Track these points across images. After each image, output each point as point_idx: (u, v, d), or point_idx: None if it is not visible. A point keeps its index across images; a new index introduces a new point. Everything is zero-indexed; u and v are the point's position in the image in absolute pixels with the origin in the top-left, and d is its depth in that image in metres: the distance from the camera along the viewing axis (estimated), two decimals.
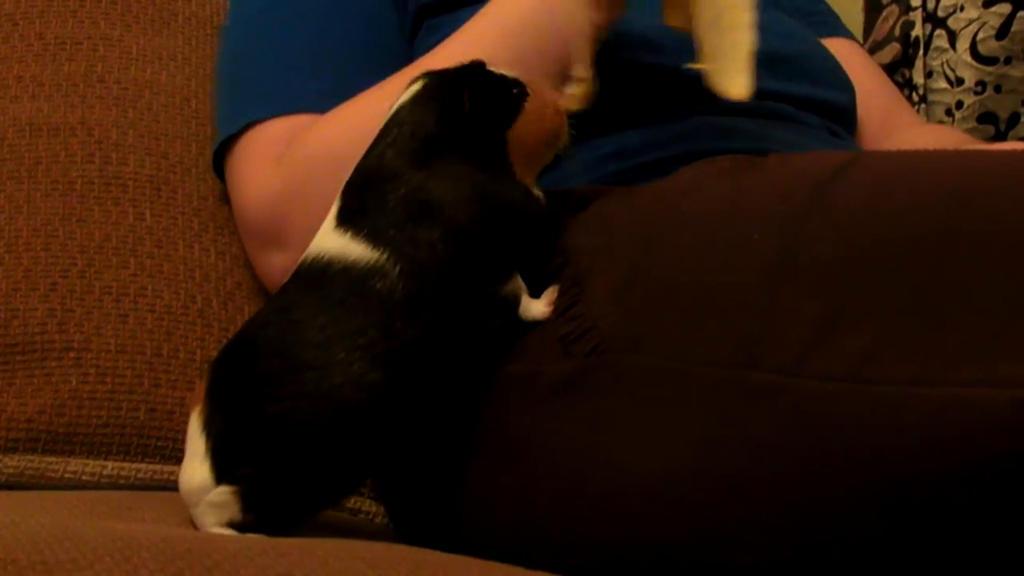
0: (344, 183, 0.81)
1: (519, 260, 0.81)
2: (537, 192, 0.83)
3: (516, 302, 0.81)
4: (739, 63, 0.81)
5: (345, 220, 0.79)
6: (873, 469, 0.63)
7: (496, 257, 0.79)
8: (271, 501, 0.75)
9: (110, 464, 1.00)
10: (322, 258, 0.78)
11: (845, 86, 1.16)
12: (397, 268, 0.76)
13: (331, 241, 0.78)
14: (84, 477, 0.99)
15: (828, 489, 0.65)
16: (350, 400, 0.74)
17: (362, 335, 0.74)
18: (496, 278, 0.80)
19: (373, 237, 0.77)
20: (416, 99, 0.82)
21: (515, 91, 0.82)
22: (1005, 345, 0.59)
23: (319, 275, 0.77)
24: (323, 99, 1.00)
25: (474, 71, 0.82)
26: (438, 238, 0.76)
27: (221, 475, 0.75)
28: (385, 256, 0.76)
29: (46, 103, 1.12)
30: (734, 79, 0.81)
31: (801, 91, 1.07)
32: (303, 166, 0.98)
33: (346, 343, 0.74)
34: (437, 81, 0.82)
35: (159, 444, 1.01)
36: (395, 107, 0.82)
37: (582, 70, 0.87)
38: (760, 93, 1.03)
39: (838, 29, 1.33)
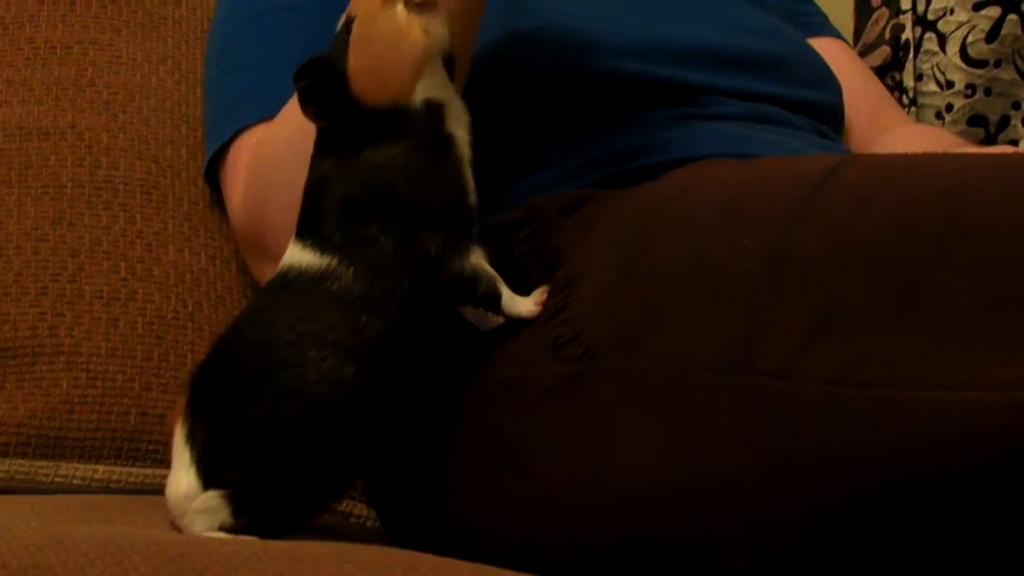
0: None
1: (466, 225, 0.80)
2: (422, 95, 0.79)
3: (492, 292, 0.80)
4: None
5: (298, 231, 0.80)
6: (867, 472, 0.63)
7: (433, 217, 0.78)
8: (260, 502, 0.75)
9: (101, 468, 1.00)
10: (283, 266, 0.79)
11: (833, 86, 1.16)
12: (351, 270, 0.76)
13: (290, 251, 0.80)
14: (75, 481, 0.99)
15: (822, 492, 0.65)
16: (328, 395, 0.75)
17: (330, 331, 0.75)
18: (448, 250, 0.78)
19: (321, 244, 0.78)
20: None
21: (348, 31, 0.80)
22: (999, 347, 0.59)
23: (281, 280, 0.79)
24: None
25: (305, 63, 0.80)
26: (378, 230, 0.77)
27: (208, 481, 0.75)
28: (336, 260, 0.77)
29: (36, 107, 1.12)
30: None
31: (789, 93, 1.07)
32: (261, 172, 0.98)
33: (315, 340, 0.75)
34: None
35: (150, 448, 1.01)
36: None
37: None
38: (747, 95, 1.04)
39: (826, 29, 1.33)
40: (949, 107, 1.46)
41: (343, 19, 0.81)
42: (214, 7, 1.18)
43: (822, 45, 1.22)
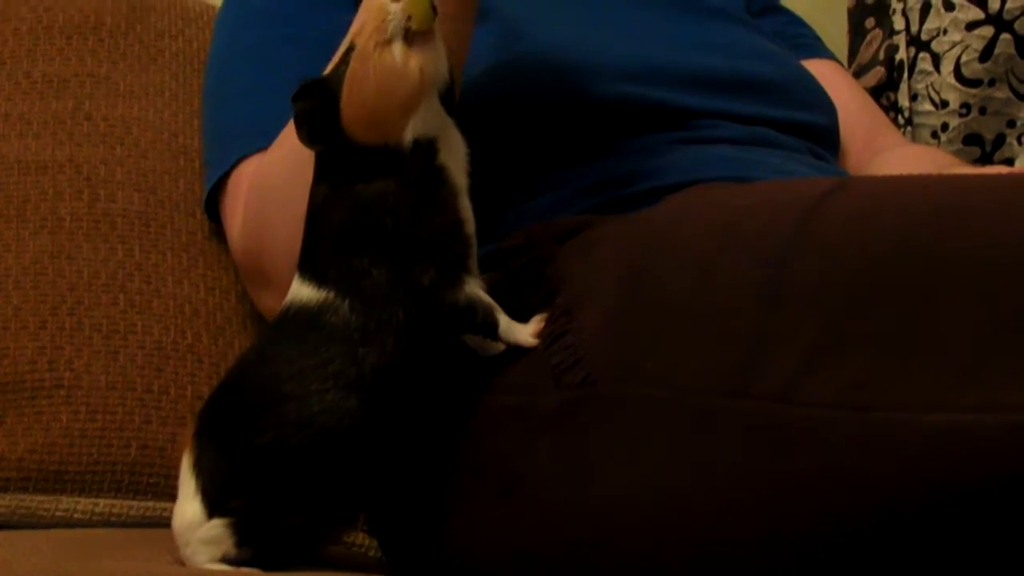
0: None
1: (448, 239, 0.79)
2: (412, 132, 0.78)
3: (489, 320, 0.80)
4: None
5: (300, 263, 0.80)
6: (868, 496, 0.63)
7: (424, 251, 0.78)
8: (264, 532, 0.75)
9: (102, 502, 1.00)
10: (286, 300, 0.79)
11: (827, 108, 1.16)
12: (346, 302, 0.76)
13: (293, 285, 0.80)
14: (76, 515, 0.99)
15: (823, 516, 0.65)
16: (331, 426, 0.75)
17: (329, 364, 0.75)
18: (442, 280, 0.78)
19: (317, 278, 0.78)
20: None
21: (342, 62, 0.79)
22: (997, 369, 0.59)
23: (283, 315, 0.79)
24: None
25: (304, 85, 0.79)
26: (369, 263, 0.77)
27: (213, 510, 0.75)
28: (332, 294, 0.77)
29: (34, 141, 1.13)
30: None
31: (784, 115, 1.07)
32: (259, 203, 0.98)
33: (317, 373, 0.75)
34: None
35: (151, 481, 1.01)
36: None
37: None
38: (743, 118, 1.04)
39: (820, 51, 1.33)
40: (945, 126, 1.46)
41: (346, 43, 0.80)
42: (211, 39, 1.18)
43: (817, 67, 1.23)
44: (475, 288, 0.79)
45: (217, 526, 0.75)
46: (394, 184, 0.78)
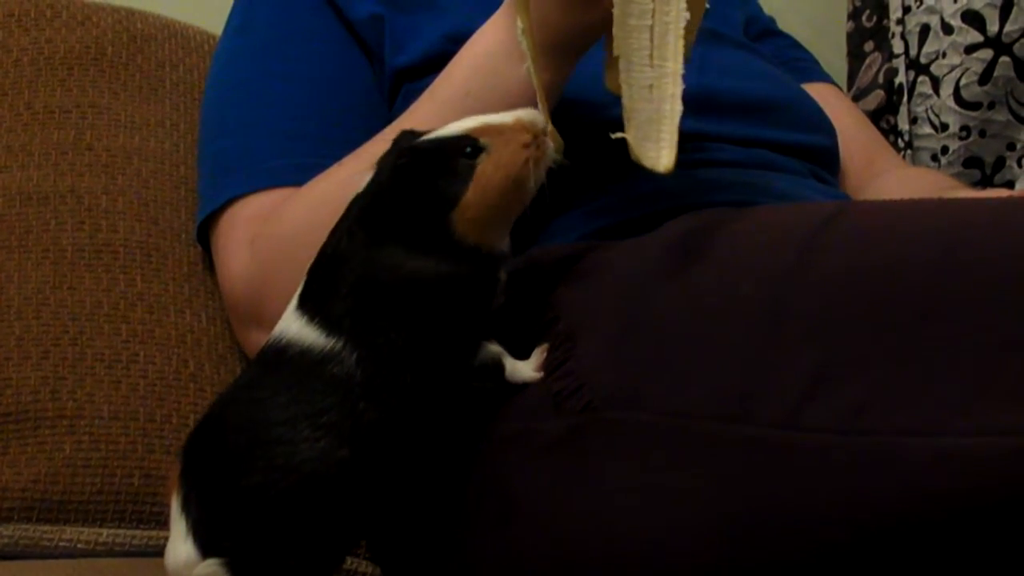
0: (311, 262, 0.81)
1: (482, 330, 0.80)
2: (499, 246, 0.80)
3: (497, 368, 0.80)
4: (665, 135, 0.78)
5: (304, 303, 0.78)
6: (871, 521, 0.63)
7: (454, 334, 0.78)
8: (259, 571, 0.75)
9: (105, 531, 1.00)
10: (281, 340, 0.78)
11: (828, 130, 1.16)
12: (354, 355, 0.75)
13: (290, 323, 0.78)
14: (80, 545, 0.99)
15: (826, 541, 0.65)
16: (320, 474, 0.74)
17: (325, 414, 0.74)
18: (462, 353, 0.78)
19: (328, 324, 0.76)
20: (371, 179, 0.80)
21: (466, 153, 0.78)
22: (999, 392, 0.59)
23: (278, 355, 0.77)
24: (302, 171, 1.00)
25: (414, 148, 0.78)
26: (391, 325, 0.76)
27: (206, 550, 0.75)
28: (341, 344, 0.75)
29: (36, 172, 1.13)
30: (660, 152, 0.78)
31: (786, 137, 1.08)
32: (274, 247, 0.98)
33: (310, 421, 0.74)
34: (385, 159, 0.79)
35: (154, 510, 1.01)
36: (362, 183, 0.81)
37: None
38: (745, 140, 1.04)
39: (818, 75, 1.33)
40: (944, 149, 1.46)
41: (463, 133, 0.78)
42: (210, 69, 1.19)
43: (815, 90, 1.23)
44: (487, 348, 0.80)
45: (212, 565, 0.74)
46: (448, 270, 0.77)
